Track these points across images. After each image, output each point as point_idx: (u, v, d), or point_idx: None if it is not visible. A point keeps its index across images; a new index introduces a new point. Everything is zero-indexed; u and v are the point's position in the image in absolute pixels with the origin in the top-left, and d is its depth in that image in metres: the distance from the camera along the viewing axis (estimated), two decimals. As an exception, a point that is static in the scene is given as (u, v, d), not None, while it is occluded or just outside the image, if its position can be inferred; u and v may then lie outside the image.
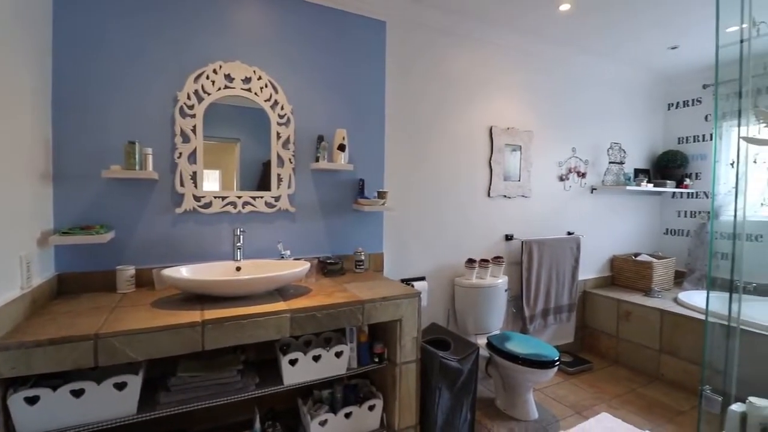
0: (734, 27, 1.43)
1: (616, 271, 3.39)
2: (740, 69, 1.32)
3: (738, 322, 1.53)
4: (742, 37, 1.29)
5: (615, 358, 3.01)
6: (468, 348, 1.90)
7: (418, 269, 2.43)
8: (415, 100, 2.37)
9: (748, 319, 1.95)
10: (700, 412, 1.38)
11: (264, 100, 1.91)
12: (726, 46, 1.34)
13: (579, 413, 2.29)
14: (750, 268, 1.67)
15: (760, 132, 1.41)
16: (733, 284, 1.46)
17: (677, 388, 2.59)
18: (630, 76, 3.38)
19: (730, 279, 1.45)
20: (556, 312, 2.94)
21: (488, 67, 2.65)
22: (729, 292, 1.45)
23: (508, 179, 2.77)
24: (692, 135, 3.49)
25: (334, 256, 2.06)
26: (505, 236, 2.78)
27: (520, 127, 2.79)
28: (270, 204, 1.94)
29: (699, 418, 1.40)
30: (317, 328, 1.45)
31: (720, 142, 3.26)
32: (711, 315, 1.52)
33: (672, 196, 3.60)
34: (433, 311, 2.48)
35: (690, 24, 2.54)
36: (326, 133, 2.03)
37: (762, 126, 1.28)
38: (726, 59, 1.44)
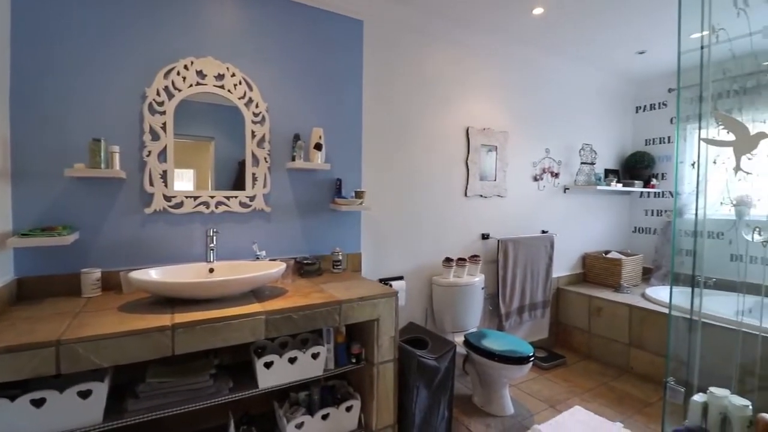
0: (696, 34, 1.50)
1: (587, 268, 3.50)
2: (701, 74, 1.38)
3: (699, 316, 1.61)
4: (702, 44, 1.35)
5: (587, 353, 3.10)
6: (445, 346, 1.92)
7: (396, 269, 2.43)
8: (392, 100, 2.38)
9: (709, 313, 2.04)
10: (664, 403, 1.44)
11: (238, 98, 1.87)
12: (688, 52, 1.41)
13: (553, 407, 2.35)
14: (710, 263, 1.75)
15: (719, 134, 1.48)
16: (695, 280, 1.53)
17: (646, 380, 2.70)
18: (600, 80, 3.49)
19: (692, 275, 1.52)
20: (531, 309, 3.01)
21: (464, 68, 2.68)
22: (691, 287, 1.52)
23: (485, 179, 2.81)
24: (659, 137, 3.64)
25: (311, 256, 2.04)
26: (481, 235, 2.82)
27: (496, 128, 2.84)
28: (245, 204, 1.90)
29: (664, 409, 1.46)
30: (293, 329, 1.43)
31: (684, 143, 3.42)
32: (675, 309, 1.59)
33: (640, 195, 3.75)
34: (411, 310, 2.49)
35: (656, 30, 2.65)
36: (302, 131, 2.01)
37: (721, 128, 1.34)
38: (688, 65, 1.50)
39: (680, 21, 1.34)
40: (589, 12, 2.42)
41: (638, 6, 2.33)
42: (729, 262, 1.90)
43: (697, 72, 1.52)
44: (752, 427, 1.26)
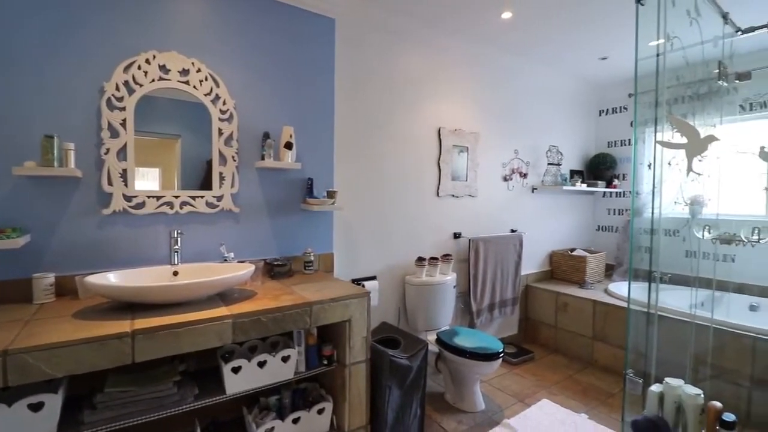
0: (653, 42, 1.58)
1: (554, 266, 3.62)
2: (657, 80, 1.45)
3: (656, 309, 1.69)
4: (658, 52, 1.42)
5: (554, 347, 3.21)
6: (417, 345, 1.93)
7: (368, 269, 2.43)
8: (365, 99, 2.37)
9: (665, 306, 2.16)
10: (624, 394, 1.51)
11: (204, 94, 1.81)
12: (645, 59, 1.48)
13: (522, 401, 2.42)
14: (666, 260, 1.85)
15: (674, 137, 1.56)
16: (652, 275, 1.61)
17: (608, 372, 2.82)
18: (566, 84, 3.62)
19: (649, 270, 1.60)
20: (501, 306, 3.08)
21: (436, 69, 2.71)
22: (648, 282, 1.60)
23: (456, 179, 2.85)
24: (620, 139, 3.81)
25: (282, 257, 2.00)
26: (453, 234, 2.86)
27: (467, 129, 2.88)
28: (211, 204, 1.84)
29: (624, 400, 1.53)
30: (263, 332, 1.40)
31: (643, 146, 3.59)
32: (633, 303, 1.67)
33: (603, 195, 3.91)
34: (384, 310, 2.50)
35: (617, 39, 2.77)
36: (272, 130, 1.97)
37: (675, 132, 1.42)
38: (645, 71, 1.58)
39: (638, 30, 1.41)
40: (555, 19, 2.50)
41: (600, 16, 2.43)
42: (683, 258, 2.01)
43: (653, 78, 1.60)
44: (704, 415, 1.34)
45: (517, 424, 2.14)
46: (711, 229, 1.64)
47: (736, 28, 1.69)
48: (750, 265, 2.80)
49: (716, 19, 1.62)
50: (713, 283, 2.01)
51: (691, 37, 1.49)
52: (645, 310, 1.61)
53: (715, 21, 1.60)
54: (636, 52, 1.39)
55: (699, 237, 1.64)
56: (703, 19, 1.48)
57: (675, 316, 2.17)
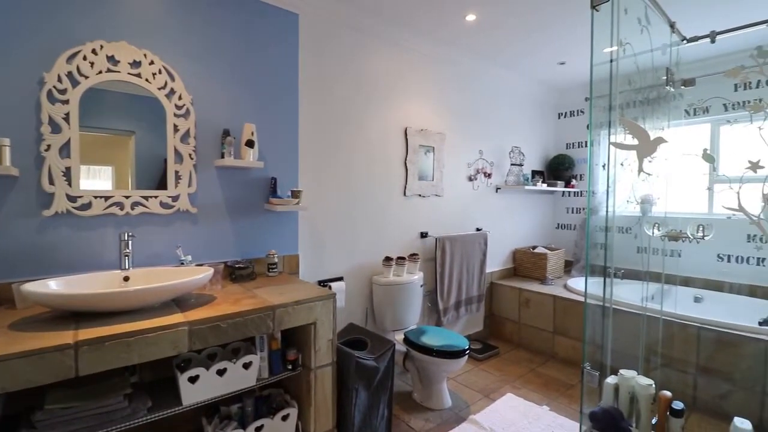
0: (607, 48, 1.65)
1: (517, 263, 3.73)
2: (610, 85, 1.52)
3: (611, 303, 1.77)
4: (612, 58, 1.48)
5: (518, 342, 3.30)
6: (384, 345, 1.92)
7: (335, 270, 2.39)
8: (331, 97, 2.33)
9: (619, 300, 2.27)
10: (582, 387, 1.57)
11: (158, 88, 1.71)
12: (600, 64, 1.54)
13: (487, 396, 2.47)
14: (620, 256, 1.95)
15: (626, 139, 1.64)
16: (607, 270, 1.69)
17: (568, 365, 2.93)
18: (527, 87, 3.73)
19: (604, 266, 1.67)
20: (467, 303, 3.13)
21: (403, 68, 2.71)
22: (603, 277, 1.67)
23: (423, 179, 2.86)
24: (578, 141, 3.98)
25: (244, 260, 1.93)
26: (420, 234, 2.87)
27: (433, 129, 2.91)
28: (166, 204, 1.74)
29: (582, 392, 1.59)
30: (222, 339, 1.34)
31: (598, 148, 3.78)
32: (590, 298, 1.74)
33: (562, 194, 4.07)
34: (351, 311, 2.47)
35: (574, 43, 2.88)
36: (233, 127, 1.89)
37: (627, 134, 1.49)
38: (600, 76, 1.64)
39: (593, 35, 1.46)
40: (516, 24, 2.56)
41: (558, 22, 2.52)
42: (635, 254, 2.12)
43: (608, 83, 1.67)
44: (655, 404, 1.42)
45: (483, 419, 2.18)
46: (660, 226, 1.74)
47: (682, 37, 1.80)
48: (694, 259, 3.00)
49: (664, 28, 1.71)
50: (662, 277, 2.13)
51: (641, 45, 1.57)
52: (600, 304, 1.68)
53: (663, 30, 1.69)
54: (591, 57, 1.45)
55: (649, 234, 1.73)
56: (652, 27, 1.56)
57: (628, 309, 2.29)
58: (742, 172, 1.04)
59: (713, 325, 2.27)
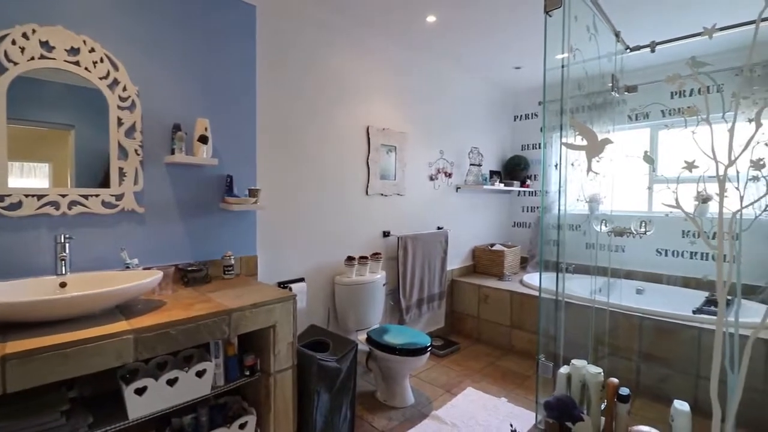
0: (559, 55, 1.73)
1: (476, 260, 3.83)
2: (561, 89, 1.59)
3: (563, 297, 1.86)
4: (563, 63, 1.56)
5: (477, 337, 3.39)
6: (347, 346, 1.90)
7: (296, 270, 2.33)
8: (290, 93, 2.26)
9: (571, 294, 2.39)
10: (537, 378, 1.64)
11: (99, 78, 1.58)
12: (552, 69, 1.61)
13: (449, 391, 2.51)
14: (570, 252, 2.05)
15: (575, 140, 1.73)
16: (559, 266, 1.77)
17: (524, 357, 3.05)
18: (486, 90, 3.84)
19: (557, 261, 1.75)
20: (429, 301, 3.17)
21: (364, 67, 2.69)
22: (556, 272, 1.75)
23: (385, 178, 2.87)
24: (532, 143, 4.15)
25: (197, 262, 1.83)
26: (382, 233, 2.87)
27: (395, 129, 2.92)
28: (109, 204, 1.61)
29: (537, 382, 1.66)
30: (173, 347, 1.26)
31: (551, 149, 3.96)
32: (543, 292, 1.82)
33: (518, 194, 4.23)
34: (312, 312, 2.42)
35: (529, 49, 3.00)
36: (184, 122, 1.79)
37: (577, 135, 1.57)
38: (553, 81, 1.72)
39: (546, 40, 1.53)
40: (475, 27, 2.63)
41: (514, 27, 2.61)
42: (584, 249, 2.25)
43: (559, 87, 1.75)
44: (604, 390, 1.50)
45: (445, 414, 2.22)
46: (607, 222, 1.85)
47: (626, 46, 1.92)
48: (636, 254, 3.22)
49: (611, 37, 1.82)
50: (608, 272, 2.27)
51: (590, 52, 1.66)
52: (553, 298, 1.76)
53: (609, 39, 1.80)
54: (544, 60, 1.51)
55: (597, 230, 1.83)
56: (600, 36, 1.65)
57: (578, 302, 2.42)
58: (679, 173, 1.13)
59: (653, 315, 2.44)
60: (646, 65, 2.98)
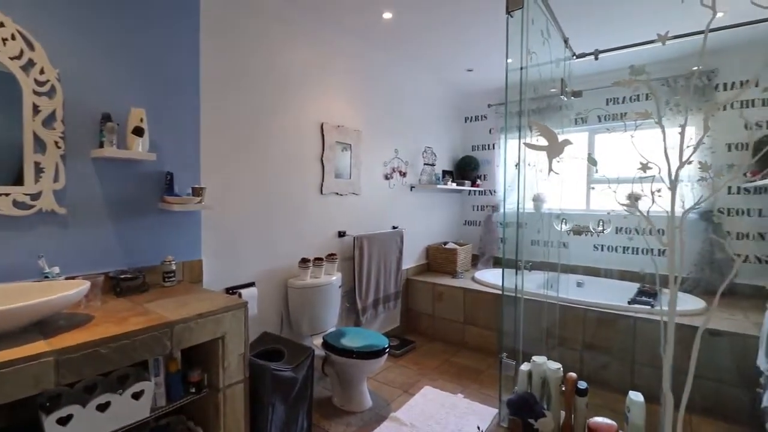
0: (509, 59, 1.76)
1: (430, 259, 3.87)
2: (520, 91, 1.62)
3: (522, 293, 1.91)
4: (522, 65, 1.58)
5: (433, 335, 3.43)
6: (303, 353, 1.81)
7: (246, 275, 2.19)
8: (239, 86, 2.11)
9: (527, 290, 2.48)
10: (500, 376, 1.66)
11: (10, 58, 1.35)
12: (511, 71, 1.64)
13: (406, 392, 2.50)
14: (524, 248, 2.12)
15: (532, 140, 1.77)
16: (518, 263, 1.82)
17: (478, 352, 3.12)
18: (439, 90, 3.89)
19: (515, 259, 1.79)
20: (385, 301, 3.15)
21: (321, 62, 2.59)
22: (515, 269, 1.79)
23: (340, 177, 2.79)
24: (482, 144, 4.27)
25: (132, 269, 1.64)
26: (338, 233, 2.79)
27: (350, 126, 2.85)
28: (23, 204, 1.39)
29: (500, 380, 1.68)
30: (103, 367, 1.10)
31: (500, 150, 4.11)
32: (499, 288, 1.85)
33: (469, 193, 4.34)
34: (265, 318, 2.28)
35: (481, 53, 3.07)
36: (116, 112, 1.59)
37: (537, 136, 1.61)
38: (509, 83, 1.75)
39: (508, 40, 1.54)
40: (431, 27, 2.63)
41: (468, 31, 2.65)
42: (531, 246, 2.33)
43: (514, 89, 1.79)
44: (563, 385, 1.55)
45: (403, 415, 2.20)
46: (566, 222, 1.92)
47: (573, 53, 2.01)
48: (576, 250, 3.42)
49: (560, 42, 1.89)
50: (558, 267, 2.38)
51: (543, 56, 1.71)
52: (512, 294, 1.80)
53: (559, 44, 1.87)
54: (506, 60, 1.52)
55: (558, 229, 1.90)
56: (552, 41, 1.71)
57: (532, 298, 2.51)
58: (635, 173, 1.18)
59: (594, 307, 2.61)
60: (590, 72, 3.15)
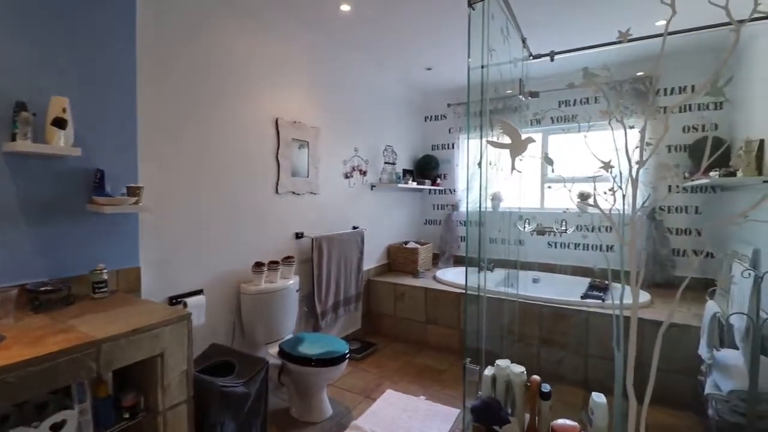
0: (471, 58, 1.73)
1: (391, 258, 3.83)
2: (482, 89, 1.60)
3: (485, 292, 1.90)
4: (483, 63, 1.56)
5: (395, 336, 3.38)
6: (256, 365, 1.68)
7: (193, 282, 2.01)
8: (185, 75, 1.93)
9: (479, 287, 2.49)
10: (464, 381, 1.63)
11: None
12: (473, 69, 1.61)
13: (368, 397, 2.43)
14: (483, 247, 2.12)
15: (494, 137, 1.76)
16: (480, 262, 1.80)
17: (440, 351, 3.12)
18: (399, 88, 3.85)
19: (478, 257, 1.77)
20: (346, 303, 3.06)
21: (276, 53, 2.45)
22: (477, 268, 1.77)
23: (297, 175, 2.66)
24: (441, 143, 4.29)
25: (54, 280, 1.43)
26: (295, 234, 2.67)
27: (308, 123, 2.72)
28: None
29: (463, 385, 1.65)
30: (13, 398, 0.93)
31: (458, 150, 4.14)
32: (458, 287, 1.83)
33: (429, 192, 4.34)
34: (214, 328, 2.12)
35: (441, 52, 3.05)
36: (33, 100, 1.37)
37: (500, 132, 1.59)
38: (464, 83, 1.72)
39: (470, 34, 1.50)
40: (390, 23, 2.57)
41: (428, 28, 2.62)
42: (488, 244, 2.34)
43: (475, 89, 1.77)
44: (527, 388, 1.53)
45: (365, 423, 2.13)
46: (529, 221, 1.93)
47: (529, 53, 2.03)
48: (531, 247, 3.51)
49: (519, 42, 1.90)
50: (518, 264, 2.40)
51: (503, 56, 1.69)
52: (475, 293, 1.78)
53: (518, 44, 1.87)
54: (468, 49, 1.48)
55: (521, 229, 1.90)
56: (511, 39, 1.70)
57: (494, 296, 2.53)
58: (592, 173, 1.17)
59: (550, 302, 2.67)
60: (543, 75, 3.22)
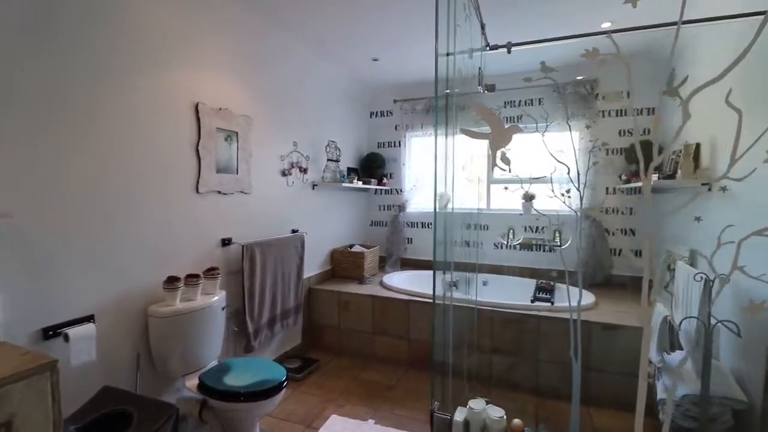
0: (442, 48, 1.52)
1: (335, 264, 3.54)
2: (446, 78, 1.39)
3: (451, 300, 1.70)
4: (448, 51, 1.34)
5: (339, 349, 3.10)
6: (162, 414, 1.32)
7: (79, 306, 1.56)
8: (74, 42, 1.48)
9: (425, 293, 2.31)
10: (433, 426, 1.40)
11: None
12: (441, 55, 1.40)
13: (310, 426, 2.14)
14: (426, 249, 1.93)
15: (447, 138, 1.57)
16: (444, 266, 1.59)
17: (387, 363, 2.90)
18: (343, 80, 3.57)
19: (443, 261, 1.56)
20: (283, 317, 2.72)
21: (197, 28, 2.05)
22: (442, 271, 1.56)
23: (223, 171, 2.27)
24: (387, 141, 4.08)
25: None
26: (221, 241, 2.28)
27: (237, 111, 2.34)
28: None
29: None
30: None
31: (404, 148, 3.96)
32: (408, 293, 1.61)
33: (375, 192, 4.12)
34: (110, 364, 1.67)
35: (387, 40, 2.83)
36: None
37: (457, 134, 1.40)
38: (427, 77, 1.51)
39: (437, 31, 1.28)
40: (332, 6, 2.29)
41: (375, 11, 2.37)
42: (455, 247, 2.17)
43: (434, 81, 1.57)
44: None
45: (306, 459, 1.84)
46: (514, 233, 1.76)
47: (486, 43, 1.87)
48: (483, 249, 3.43)
49: (477, 30, 1.72)
50: (476, 267, 2.25)
51: (463, 43, 1.50)
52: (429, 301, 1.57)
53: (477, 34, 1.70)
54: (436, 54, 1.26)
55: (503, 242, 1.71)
56: (471, 26, 1.51)
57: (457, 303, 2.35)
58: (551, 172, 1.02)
59: (502, 307, 2.57)
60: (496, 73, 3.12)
